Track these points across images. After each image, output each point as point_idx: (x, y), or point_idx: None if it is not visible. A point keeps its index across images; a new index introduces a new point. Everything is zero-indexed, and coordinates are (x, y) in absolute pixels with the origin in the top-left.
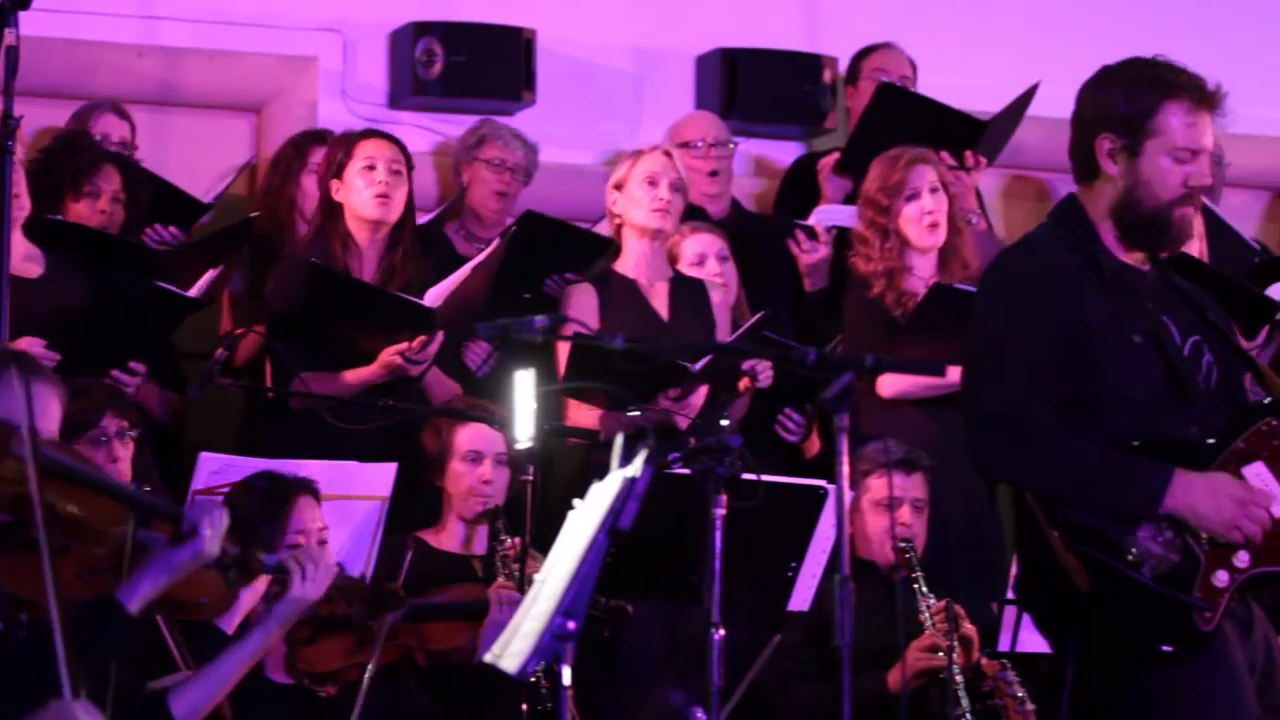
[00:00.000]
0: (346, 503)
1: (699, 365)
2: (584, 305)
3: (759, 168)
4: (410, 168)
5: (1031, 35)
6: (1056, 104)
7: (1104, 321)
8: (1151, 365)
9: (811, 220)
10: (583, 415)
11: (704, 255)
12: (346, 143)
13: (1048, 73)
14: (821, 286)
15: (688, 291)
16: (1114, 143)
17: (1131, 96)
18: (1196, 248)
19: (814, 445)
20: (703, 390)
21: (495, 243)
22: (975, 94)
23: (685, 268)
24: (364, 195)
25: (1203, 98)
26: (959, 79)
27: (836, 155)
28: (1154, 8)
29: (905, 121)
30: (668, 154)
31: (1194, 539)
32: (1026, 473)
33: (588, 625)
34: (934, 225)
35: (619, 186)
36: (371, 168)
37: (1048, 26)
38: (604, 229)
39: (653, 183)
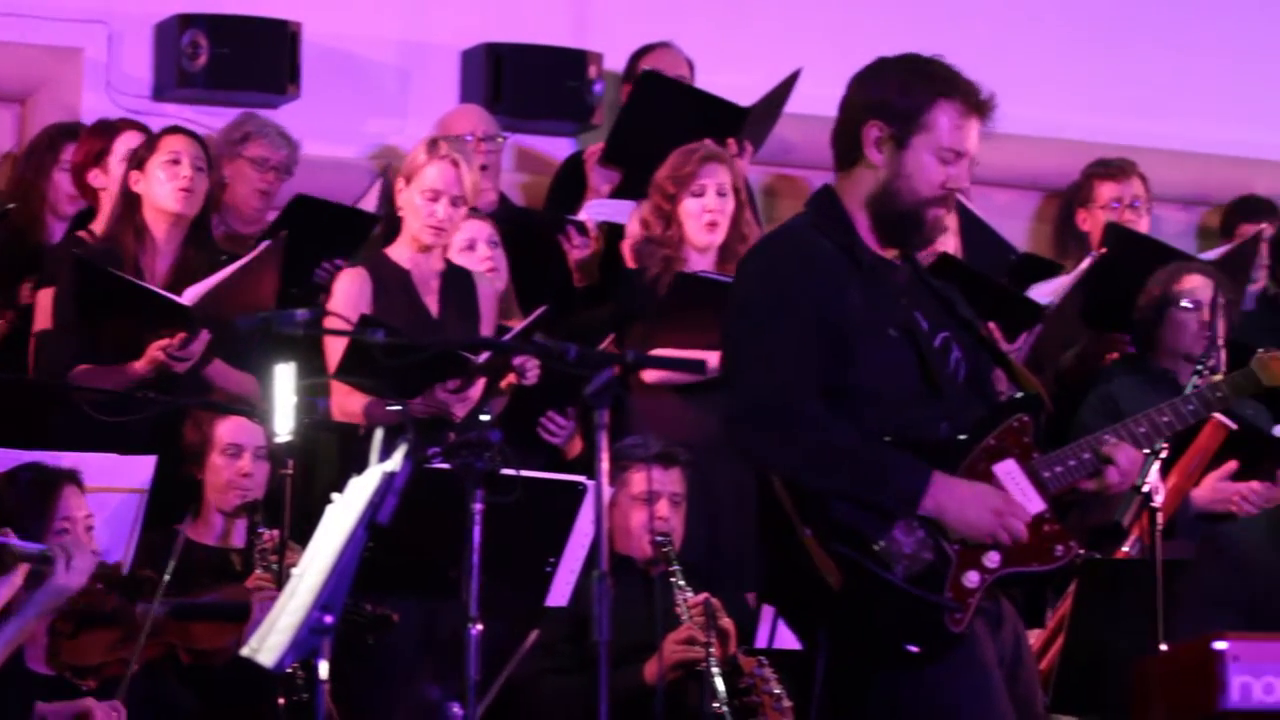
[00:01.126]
0: (105, 495)
1: (481, 358)
2: (356, 291)
3: (524, 163)
4: (211, 166)
5: (799, 32)
6: (820, 102)
7: (861, 314)
8: (905, 360)
9: (582, 215)
10: (349, 402)
11: (474, 240)
12: (150, 136)
13: (816, 70)
14: (591, 282)
15: (457, 286)
16: (882, 131)
17: (907, 88)
18: (951, 244)
19: (576, 446)
20: (481, 382)
21: (265, 244)
22: (748, 91)
23: (456, 254)
24: (167, 188)
25: (975, 104)
26: (730, 77)
27: (602, 146)
28: (928, 9)
29: (668, 110)
30: (456, 164)
31: (945, 539)
32: (790, 462)
33: (351, 631)
34: (713, 225)
35: (408, 179)
36: (176, 162)
37: (816, 24)
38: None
39: (434, 198)
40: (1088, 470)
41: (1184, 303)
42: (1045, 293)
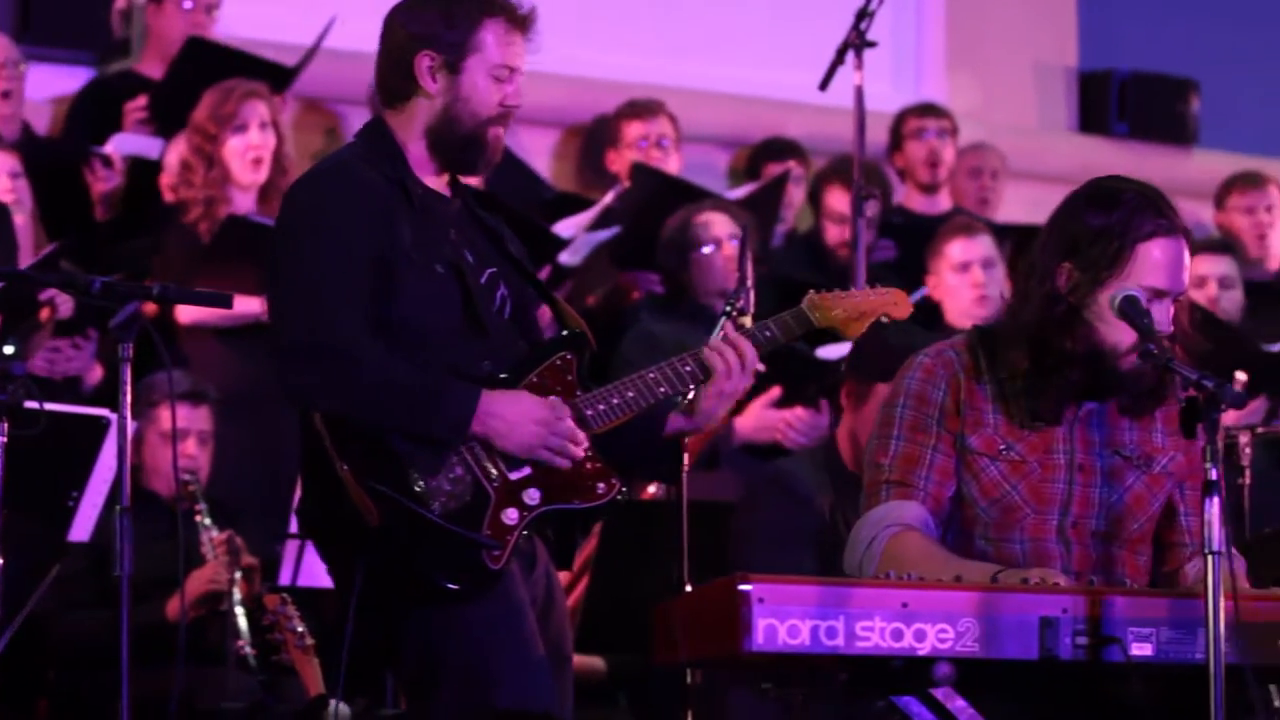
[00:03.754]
0: None
1: None
2: None
3: (49, 91)
4: None
5: None
6: (350, 37)
7: (410, 248)
8: (450, 296)
9: (109, 148)
10: None
11: None
12: None
13: (342, 5)
14: (114, 216)
15: None
16: (434, 60)
17: (450, 16)
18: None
19: (96, 373)
20: None
21: None
22: (275, 26)
23: None
24: None
25: (518, 19)
26: (262, 7)
27: (144, 101)
28: None
29: (214, 73)
30: None
31: (485, 476)
32: (339, 398)
33: None
34: (258, 161)
35: None
36: None
37: None
38: None
39: None
40: (631, 408)
41: (704, 244)
42: (568, 227)
